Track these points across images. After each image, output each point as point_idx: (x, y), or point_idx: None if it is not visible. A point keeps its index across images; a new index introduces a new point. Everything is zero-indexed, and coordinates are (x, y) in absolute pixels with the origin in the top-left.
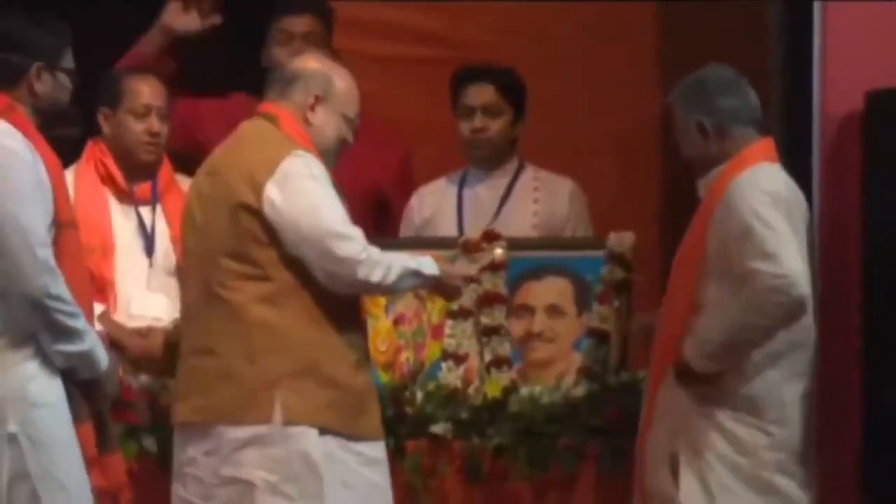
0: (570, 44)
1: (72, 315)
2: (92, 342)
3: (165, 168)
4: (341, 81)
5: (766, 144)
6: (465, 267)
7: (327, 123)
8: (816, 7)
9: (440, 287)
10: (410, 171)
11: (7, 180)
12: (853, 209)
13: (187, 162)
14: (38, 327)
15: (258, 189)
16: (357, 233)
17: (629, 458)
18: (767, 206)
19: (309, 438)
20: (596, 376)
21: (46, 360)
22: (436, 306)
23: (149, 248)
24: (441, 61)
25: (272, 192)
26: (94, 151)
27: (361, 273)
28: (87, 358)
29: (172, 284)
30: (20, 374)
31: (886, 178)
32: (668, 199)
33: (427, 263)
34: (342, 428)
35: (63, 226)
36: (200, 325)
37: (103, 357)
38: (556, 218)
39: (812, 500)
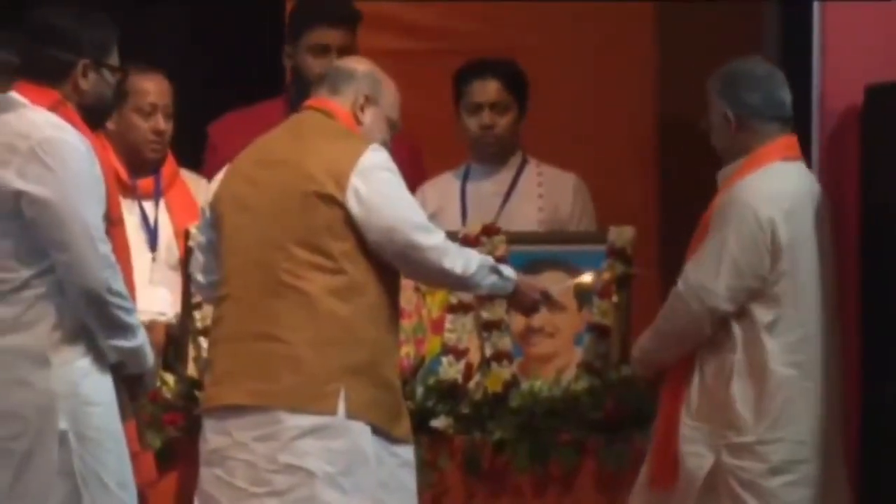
0: (567, 34)
1: (128, 311)
2: (143, 338)
3: (169, 163)
4: (389, 85)
5: (787, 142)
6: (545, 280)
7: (375, 124)
8: (815, 6)
9: (518, 297)
10: (421, 163)
11: (68, 174)
12: (852, 203)
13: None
14: (94, 322)
15: (341, 180)
16: (436, 226)
17: (630, 452)
18: (742, 217)
19: (366, 434)
20: (596, 371)
21: (99, 356)
22: (435, 301)
23: (152, 243)
24: (434, 53)
25: (357, 183)
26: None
27: (447, 263)
28: (138, 354)
29: (175, 278)
30: (73, 371)
31: (885, 172)
32: (668, 194)
33: (506, 267)
34: (387, 428)
35: (113, 222)
36: (261, 311)
37: (150, 353)
38: (561, 213)
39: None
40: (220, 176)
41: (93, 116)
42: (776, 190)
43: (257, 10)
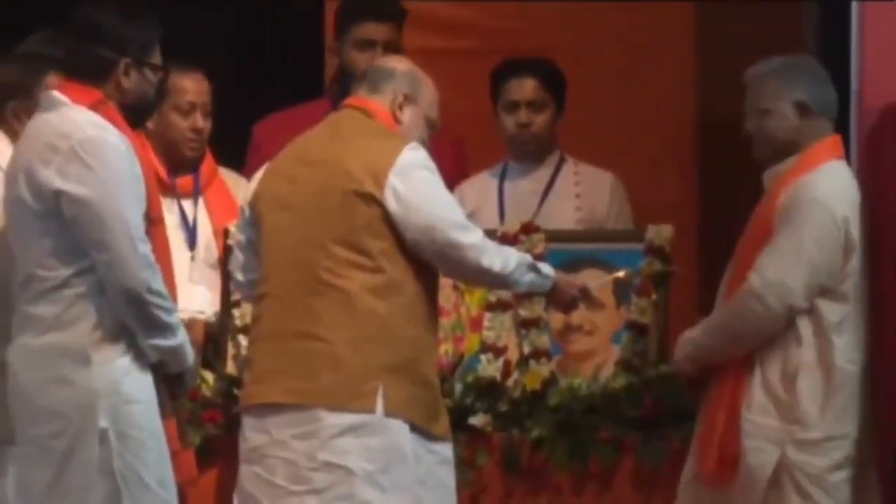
0: (607, 33)
1: (168, 310)
2: (183, 337)
3: (208, 161)
4: (428, 84)
5: (837, 140)
6: (583, 278)
7: (414, 122)
8: (853, 5)
9: (556, 294)
10: (465, 158)
11: (108, 173)
12: (892, 202)
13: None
14: (134, 321)
15: (380, 178)
16: (475, 224)
17: (668, 450)
18: (818, 215)
19: (404, 432)
20: (635, 368)
21: (139, 355)
22: (474, 299)
23: (191, 241)
24: (474, 52)
25: (395, 181)
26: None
27: (485, 261)
28: (178, 352)
29: (214, 277)
30: (114, 370)
31: None
32: (706, 193)
33: (544, 264)
34: (425, 426)
35: (153, 221)
36: (300, 309)
37: (190, 352)
38: (598, 211)
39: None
40: (259, 175)
41: (134, 115)
42: (843, 189)
43: (297, 11)
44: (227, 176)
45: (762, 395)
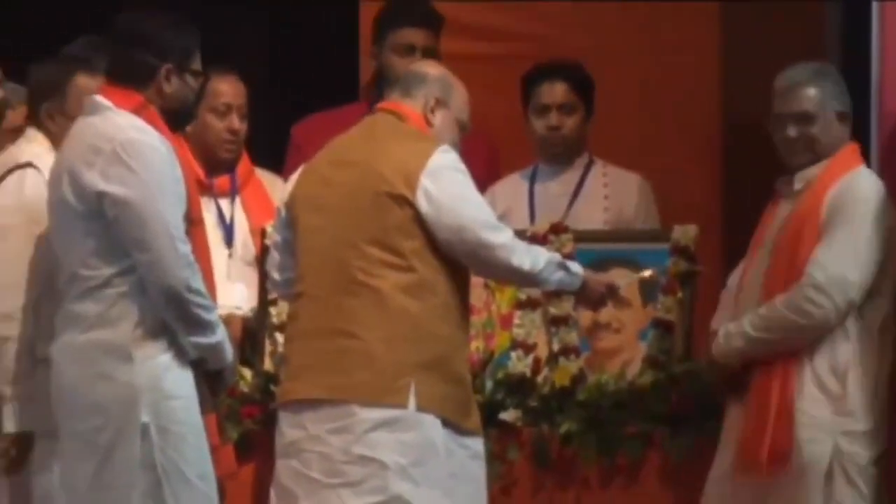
0: (633, 37)
1: (207, 308)
2: (222, 334)
3: (244, 162)
4: (459, 88)
5: (858, 148)
6: (610, 276)
7: (445, 126)
8: (874, 7)
9: (585, 292)
10: (497, 161)
11: (149, 175)
12: None
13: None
14: (174, 319)
15: (412, 180)
16: (505, 225)
17: (694, 444)
18: (869, 214)
19: (436, 427)
20: (661, 365)
21: (179, 352)
22: (504, 297)
23: (228, 239)
24: (503, 56)
25: (427, 183)
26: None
27: (515, 260)
28: (217, 349)
29: (251, 274)
30: (155, 366)
31: None
32: (730, 193)
33: (573, 263)
34: (457, 421)
35: (193, 222)
36: (335, 308)
37: (230, 349)
38: (626, 212)
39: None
40: (295, 176)
41: (175, 119)
42: (882, 192)
43: (332, 15)
44: (263, 176)
45: (814, 388)
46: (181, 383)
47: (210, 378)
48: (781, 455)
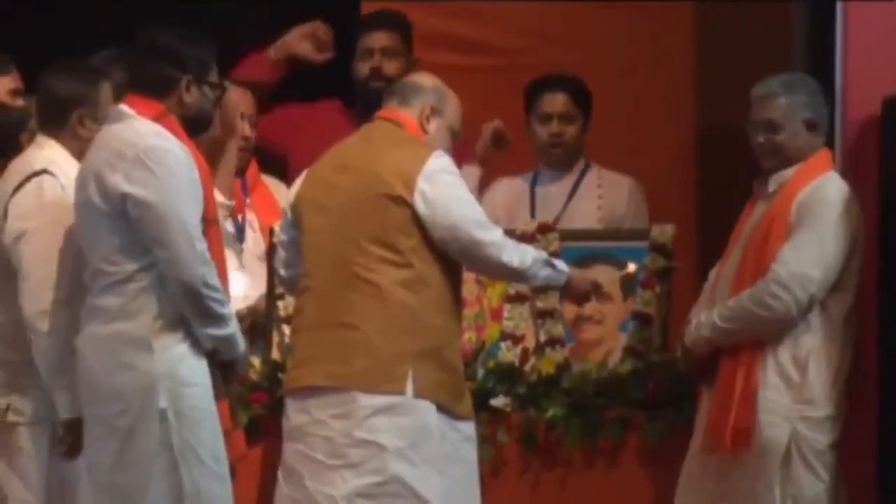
0: (608, 47)
1: (221, 302)
2: (234, 327)
3: (253, 168)
4: (452, 98)
5: (829, 154)
6: (594, 273)
7: (439, 133)
8: (838, 7)
9: (570, 287)
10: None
11: (169, 178)
12: (871, 212)
13: None
14: (190, 312)
15: (409, 182)
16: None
17: (670, 427)
18: (834, 215)
19: (431, 412)
20: (640, 355)
21: (195, 343)
22: (495, 291)
23: (240, 237)
24: (484, 69)
25: (423, 185)
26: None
27: (505, 257)
28: (230, 341)
29: (261, 268)
30: (172, 355)
31: None
32: (704, 194)
33: (559, 261)
34: (451, 406)
35: (210, 222)
36: (337, 302)
37: (241, 341)
38: (617, 212)
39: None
40: (299, 180)
41: (193, 127)
42: (848, 194)
43: (335, 17)
44: (269, 182)
45: (775, 376)
46: (196, 372)
47: (223, 367)
48: (743, 437)
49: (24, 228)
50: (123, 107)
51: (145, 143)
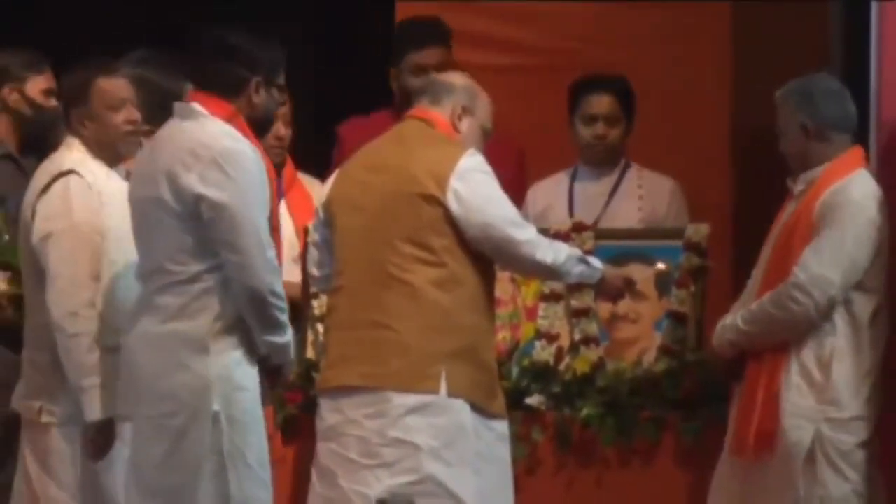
0: (645, 47)
1: (284, 311)
2: (290, 335)
3: (289, 167)
4: (483, 98)
5: (860, 152)
6: (628, 271)
7: (471, 132)
8: (874, 7)
9: (603, 285)
10: (524, 168)
11: (244, 181)
12: None
13: None
14: (253, 318)
15: (442, 182)
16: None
17: (705, 427)
18: (857, 216)
19: (465, 411)
20: (675, 354)
21: (250, 348)
22: (529, 290)
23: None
24: (523, 69)
25: (456, 184)
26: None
27: (539, 255)
28: (286, 349)
29: (295, 271)
30: (228, 359)
31: None
32: (741, 193)
33: (593, 258)
34: (484, 405)
35: (273, 228)
36: (371, 301)
37: (293, 349)
38: (658, 212)
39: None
40: (331, 180)
41: (259, 129)
42: (874, 193)
43: (371, 30)
44: (305, 180)
45: (799, 378)
46: (249, 377)
47: (270, 372)
48: (766, 439)
49: (51, 229)
50: (195, 105)
51: (220, 145)
